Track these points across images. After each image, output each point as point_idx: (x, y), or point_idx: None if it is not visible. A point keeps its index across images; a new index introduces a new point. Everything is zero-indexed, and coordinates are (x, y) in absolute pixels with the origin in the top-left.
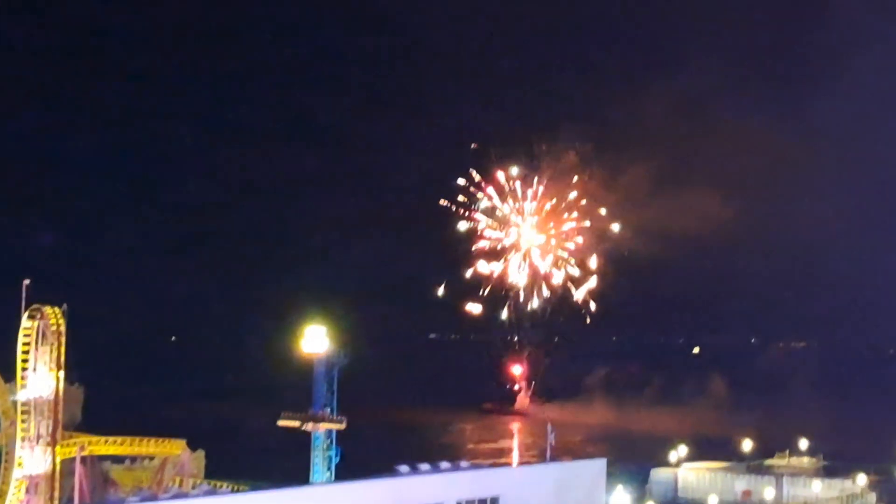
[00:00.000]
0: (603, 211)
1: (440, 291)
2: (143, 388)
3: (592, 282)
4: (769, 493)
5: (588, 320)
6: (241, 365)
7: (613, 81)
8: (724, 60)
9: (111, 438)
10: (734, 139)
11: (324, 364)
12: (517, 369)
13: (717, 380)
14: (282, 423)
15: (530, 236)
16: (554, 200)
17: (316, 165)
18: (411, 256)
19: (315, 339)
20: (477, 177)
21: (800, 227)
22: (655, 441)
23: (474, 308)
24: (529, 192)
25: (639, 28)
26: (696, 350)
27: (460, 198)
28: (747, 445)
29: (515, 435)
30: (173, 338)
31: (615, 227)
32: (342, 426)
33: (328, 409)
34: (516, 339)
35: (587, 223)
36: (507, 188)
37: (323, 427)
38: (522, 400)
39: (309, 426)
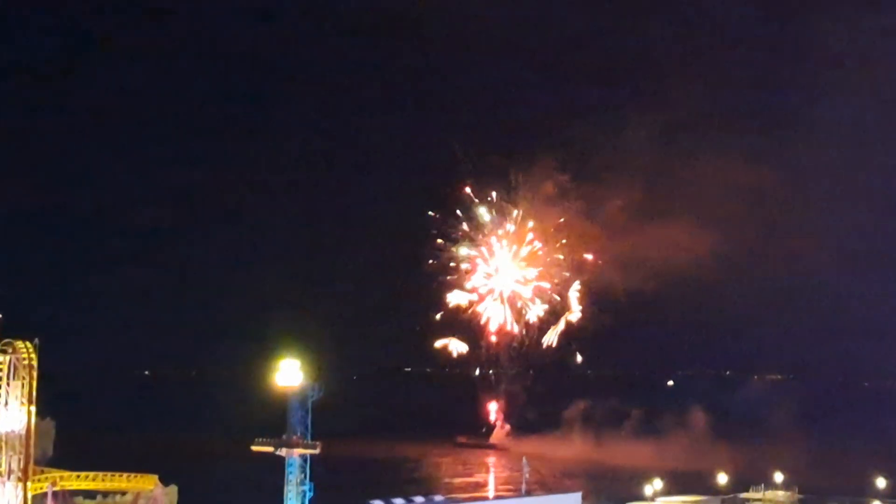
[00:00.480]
0: (579, 243)
1: (417, 325)
2: (116, 422)
3: (569, 315)
4: None
5: (563, 353)
6: (214, 399)
7: (593, 113)
8: (705, 93)
9: (83, 473)
10: (714, 172)
11: (298, 397)
12: (493, 403)
13: (692, 413)
14: (256, 448)
15: (507, 269)
16: (530, 235)
17: (290, 197)
18: (387, 290)
19: (289, 373)
20: (455, 209)
21: (777, 262)
22: (632, 474)
23: (450, 342)
24: (506, 224)
25: (619, 59)
26: (670, 383)
27: (436, 231)
28: (723, 479)
29: (490, 468)
30: (146, 372)
31: (591, 259)
32: (316, 451)
33: (302, 436)
34: (492, 372)
35: (563, 256)
36: (483, 221)
37: (297, 452)
38: (498, 433)
39: (283, 451)
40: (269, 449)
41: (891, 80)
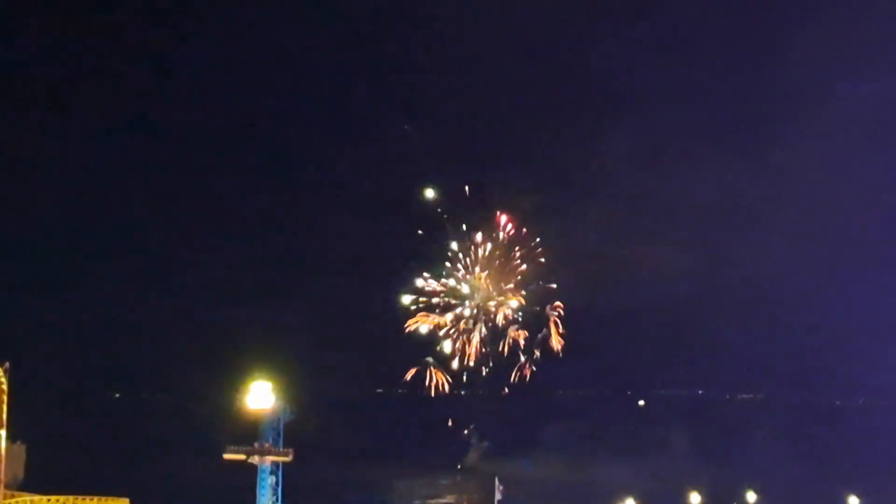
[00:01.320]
0: (555, 263)
1: (389, 348)
2: (87, 445)
3: (543, 336)
4: None
5: (538, 374)
6: (185, 421)
7: (568, 128)
8: (684, 110)
9: (54, 497)
10: (686, 190)
11: (270, 420)
12: (467, 425)
13: (665, 433)
14: (228, 456)
15: (480, 291)
16: (504, 255)
17: (260, 218)
18: (357, 309)
19: (261, 396)
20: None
21: (751, 281)
22: (605, 495)
23: (422, 365)
24: (480, 245)
25: (594, 77)
26: (641, 403)
27: (407, 254)
28: (695, 499)
29: (463, 491)
30: (117, 394)
31: (563, 279)
32: (288, 458)
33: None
34: (463, 393)
35: (538, 278)
36: (453, 244)
37: (269, 460)
38: (471, 455)
39: (255, 459)
40: (242, 457)
41: (873, 93)
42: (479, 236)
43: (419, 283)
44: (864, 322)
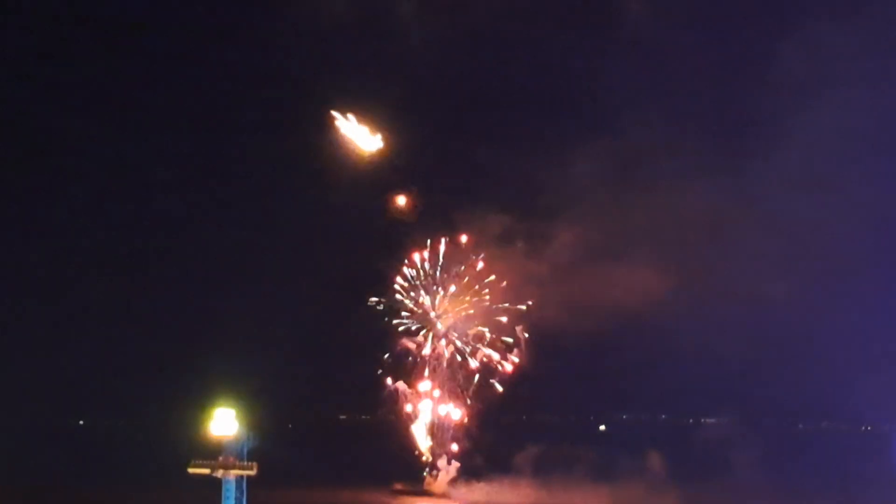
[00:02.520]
0: (525, 285)
1: (354, 373)
2: (51, 472)
3: (511, 360)
4: None
5: (505, 399)
6: (149, 449)
7: (539, 144)
8: (658, 125)
9: None
10: (670, 207)
11: (233, 446)
12: (436, 450)
13: (629, 458)
14: (192, 470)
15: (448, 316)
16: (467, 278)
17: (223, 235)
18: (321, 336)
19: (224, 422)
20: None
21: (715, 304)
22: None
23: (390, 389)
24: (449, 268)
25: (567, 89)
26: (602, 427)
27: (374, 279)
28: None
29: None
30: (81, 422)
31: (535, 302)
32: (253, 472)
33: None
34: (432, 419)
35: (507, 302)
36: (419, 264)
37: (234, 473)
38: (439, 480)
39: (219, 473)
40: (206, 471)
41: (853, 102)
42: (442, 257)
43: (380, 306)
44: (829, 348)
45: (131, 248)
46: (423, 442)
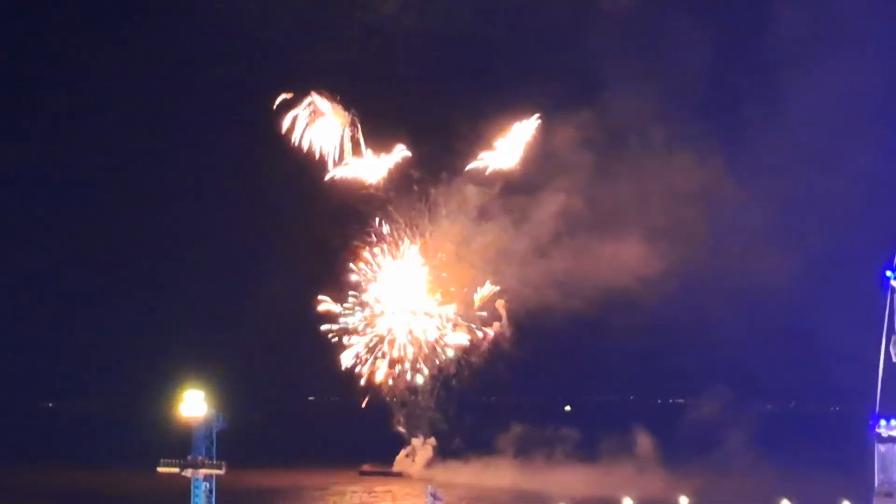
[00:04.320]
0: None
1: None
2: (19, 457)
3: (486, 341)
4: None
5: (481, 380)
6: (118, 431)
7: (524, 117)
8: (649, 92)
9: None
10: (661, 179)
11: (202, 428)
12: (408, 432)
13: (596, 437)
14: (161, 469)
15: (421, 296)
16: (441, 255)
17: (193, 221)
18: (293, 320)
19: (193, 404)
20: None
21: (690, 282)
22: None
23: (363, 369)
24: (415, 240)
25: (553, 57)
26: (567, 408)
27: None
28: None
29: (399, 497)
30: (50, 404)
31: (515, 282)
32: (222, 471)
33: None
34: (395, 400)
35: (486, 281)
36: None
37: (202, 473)
38: (409, 462)
39: (188, 472)
40: (175, 470)
41: (853, 72)
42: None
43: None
44: (801, 328)
45: (104, 236)
46: (397, 422)
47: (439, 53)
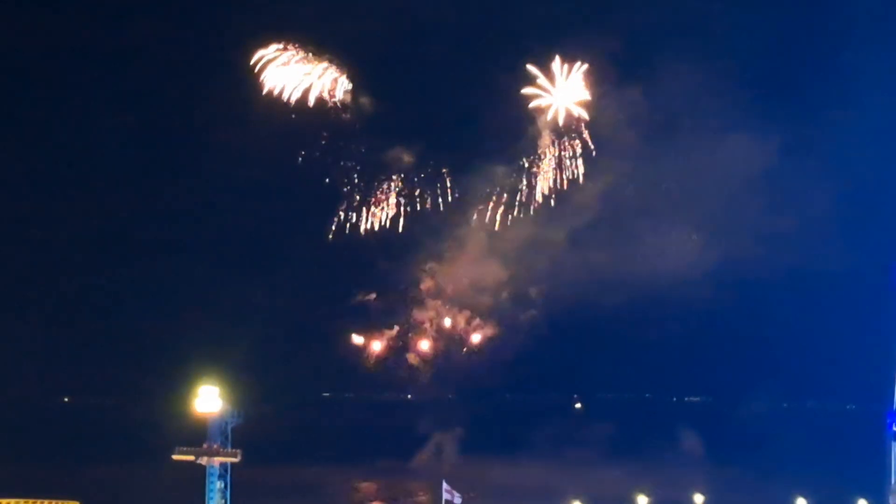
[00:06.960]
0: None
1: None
2: (37, 448)
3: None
4: None
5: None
6: (134, 425)
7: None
8: (694, 74)
9: (5, 501)
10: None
11: (217, 423)
12: (426, 429)
13: (611, 435)
14: (177, 456)
15: (448, 291)
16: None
17: (210, 220)
18: (309, 317)
19: (209, 399)
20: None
21: (702, 281)
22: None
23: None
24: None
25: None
26: (578, 406)
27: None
28: (642, 502)
29: (412, 493)
30: (66, 398)
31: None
32: (236, 459)
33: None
34: (410, 396)
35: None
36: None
37: (217, 460)
38: (425, 457)
39: (203, 459)
40: (191, 457)
41: None
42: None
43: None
44: (806, 330)
45: (116, 234)
46: (416, 418)
47: (476, 45)
